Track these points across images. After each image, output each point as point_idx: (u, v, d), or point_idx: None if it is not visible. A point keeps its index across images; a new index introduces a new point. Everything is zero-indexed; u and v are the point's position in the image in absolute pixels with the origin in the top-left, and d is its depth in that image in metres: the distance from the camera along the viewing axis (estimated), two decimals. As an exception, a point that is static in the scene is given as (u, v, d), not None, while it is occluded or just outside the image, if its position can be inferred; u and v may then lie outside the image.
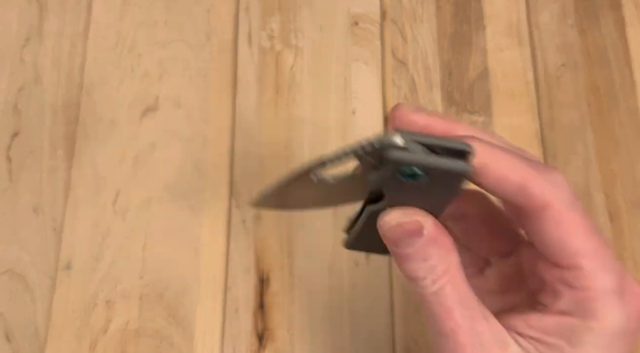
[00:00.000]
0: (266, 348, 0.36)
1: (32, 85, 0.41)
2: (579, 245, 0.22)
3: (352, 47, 0.43)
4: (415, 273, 0.23)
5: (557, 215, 0.22)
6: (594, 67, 0.42)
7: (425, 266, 0.23)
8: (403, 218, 0.23)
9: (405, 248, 0.23)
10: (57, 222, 0.38)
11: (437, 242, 0.23)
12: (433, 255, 0.23)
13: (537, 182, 0.22)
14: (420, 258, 0.23)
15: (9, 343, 0.35)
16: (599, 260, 0.22)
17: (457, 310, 0.23)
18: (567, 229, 0.22)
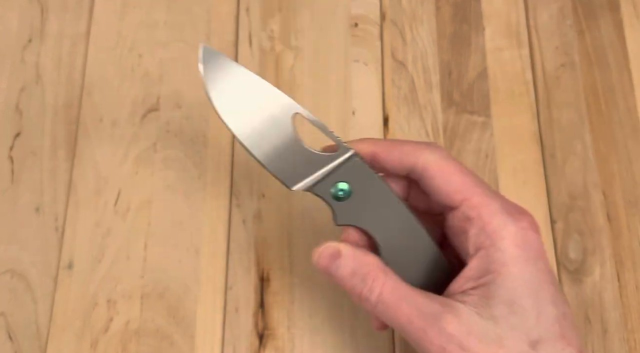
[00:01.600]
0: (266, 348, 0.36)
1: (33, 85, 0.41)
2: (460, 181, 0.27)
3: (352, 48, 0.43)
4: (354, 290, 0.27)
5: (436, 167, 0.27)
6: (592, 67, 0.43)
7: (356, 280, 0.27)
8: (319, 249, 0.28)
9: (335, 272, 0.27)
10: (58, 222, 0.38)
11: (356, 258, 0.27)
12: (357, 268, 0.27)
13: (414, 153, 0.28)
14: (348, 276, 0.27)
15: (10, 343, 0.36)
16: (480, 190, 0.27)
17: (404, 305, 0.26)
18: (447, 172, 0.27)
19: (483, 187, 0.27)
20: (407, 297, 0.26)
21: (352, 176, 0.29)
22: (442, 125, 0.41)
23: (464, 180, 0.27)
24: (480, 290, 0.25)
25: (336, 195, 0.29)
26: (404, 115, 0.41)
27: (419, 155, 0.28)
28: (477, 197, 0.27)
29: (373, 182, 0.29)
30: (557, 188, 0.40)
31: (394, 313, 0.26)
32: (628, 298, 0.37)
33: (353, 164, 0.29)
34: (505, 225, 0.25)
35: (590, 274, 0.38)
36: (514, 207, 0.27)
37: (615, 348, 0.36)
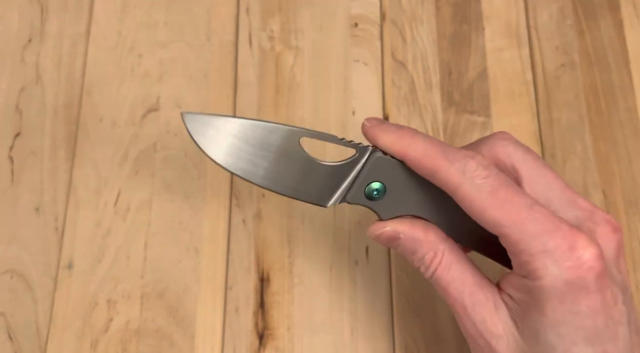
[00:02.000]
0: (266, 347, 0.36)
1: (33, 85, 0.41)
2: (494, 218, 0.25)
3: (352, 48, 0.43)
4: (413, 264, 0.29)
5: (466, 196, 0.26)
6: (592, 67, 0.43)
7: (415, 258, 0.28)
8: (377, 230, 0.29)
9: (396, 248, 0.29)
10: (58, 222, 0.38)
11: (415, 239, 0.28)
12: (417, 249, 0.28)
13: (447, 170, 0.26)
14: (409, 253, 0.29)
15: (10, 343, 0.36)
16: (519, 227, 0.25)
17: (451, 287, 0.27)
18: (480, 207, 0.26)
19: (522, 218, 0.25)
20: (456, 283, 0.27)
21: (379, 173, 0.29)
22: (442, 125, 0.41)
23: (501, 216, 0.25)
24: (523, 306, 0.26)
25: (371, 196, 0.29)
26: (404, 115, 0.41)
27: (446, 172, 0.27)
28: (514, 233, 0.25)
29: (402, 172, 0.28)
30: (557, 188, 0.40)
31: (443, 292, 0.28)
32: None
33: (376, 162, 0.28)
34: (545, 267, 0.25)
35: (590, 274, 0.38)
36: (567, 240, 0.25)
37: (615, 348, 0.36)
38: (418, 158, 0.27)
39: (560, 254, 0.24)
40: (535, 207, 0.25)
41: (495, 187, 0.26)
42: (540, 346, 0.25)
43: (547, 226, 0.25)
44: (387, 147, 0.28)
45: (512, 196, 0.25)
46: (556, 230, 0.25)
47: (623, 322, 0.25)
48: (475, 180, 0.26)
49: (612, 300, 0.25)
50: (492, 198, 0.25)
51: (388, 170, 0.28)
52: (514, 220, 0.25)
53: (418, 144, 0.27)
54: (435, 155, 0.27)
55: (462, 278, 0.27)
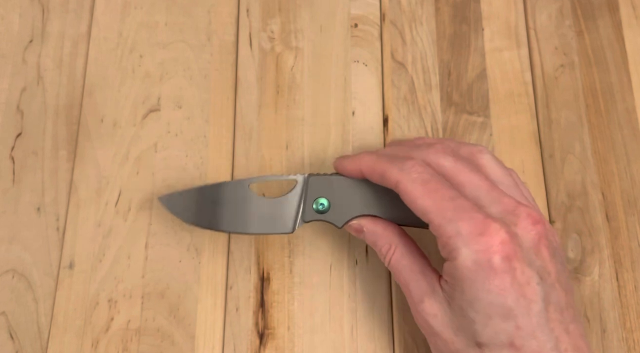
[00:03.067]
0: (267, 347, 0.36)
1: (34, 86, 0.41)
2: (422, 205, 0.30)
3: (352, 49, 0.43)
4: (377, 254, 0.34)
5: (404, 188, 0.31)
6: (591, 68, 0.43)
7: (376, 248, 0.34)
8: (352, 222, 0.35)
9: (363, 239, 0.35)
10: (59, 221, 0.38)
11: (375, 233, 0.34)
12: (376, 241, 0.34)
13: (390, 170, 0.31)
14: (371, 244, 0.34)
15: (12, 342, 0.36)
16: (441, 213, 0.29)
17: (402, 275, 0.32)
18: (412, 195, 0.30)
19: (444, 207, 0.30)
20: (405, 271, 0.32)
21: (320, 190, 0.34)
22: (441, 126, 0.41)
23: (428, 204, 0.30)
24: (450, 286, 0.30)
25: (320, 211, 0.34)
26: (404, 116, 0.41)
27: (390, 171, 0.32)
28: (435, 224, 0.30)
29: (338, 183, 0.34)
30: (556, 189, 0.40)
31: (396, 278, 0.33)
32: (627, 297, 0.37)
33: (312, 181, 0.34)
34: (458, 249, 0.29)
35: (589, 274, 0.38)
36: (478, 227, 0.29)
37: (614, 348, 0.36)
38: (370, 167, 0.33)
39: (471, 238, 0.28)
40: (458, 199, 0.30)
41: (426, 180, 0.30)
42: (466, 320, 0.29)
43: (463, 215, 0.29)
44: (346, 167, 0.34)
45: (439, 188, 0.30)
46: (470, 219, 0.29)
47: (537, 300, 0.28)
48: (412, 175, 0.31)
49: (524, 281, 0.28)
50: (422, 189, 0.30)
51: (325, 185, 0.34)
52: (437, 207, 0.29)
53: (369, 157, 0.33)
54: (382, 162, 0.32)
55: (410, 267, 0.32)
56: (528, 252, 0.29)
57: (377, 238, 0.34)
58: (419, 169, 0.31)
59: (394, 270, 0.33)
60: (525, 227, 0.29)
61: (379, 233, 0.34)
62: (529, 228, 0.29)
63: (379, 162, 0.32)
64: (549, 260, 0.29)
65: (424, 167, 0.31)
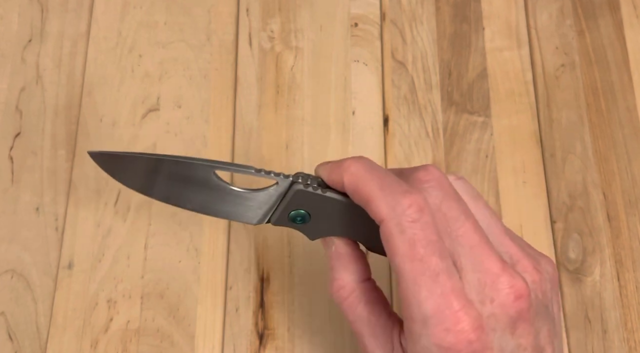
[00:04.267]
0: (266, 347, 0.36)
1: (34, 85, 0.41)
2: (400, 266, 0.25)
3: (352, 48, 0.43)
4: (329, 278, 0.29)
5: (387, 233, 0.25)
6: (592, 67, 0.43)
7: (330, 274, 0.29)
8: None
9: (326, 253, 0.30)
10: (58, 221, 0.38)
11: (339, 258, 0.29)
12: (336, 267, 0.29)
13: (375, 202, 0.26)
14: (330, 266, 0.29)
15: (10, 342, 0.36)
16: (415, 288, 0.25)
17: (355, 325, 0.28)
18: (392, 247, 0.25)
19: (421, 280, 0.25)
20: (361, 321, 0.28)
21: (302, 203, 0.29)
22: (442, 125, 0.41)
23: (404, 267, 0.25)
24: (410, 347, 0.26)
25: (295, 221, 0.30)
26: (404, 115, 0.41)
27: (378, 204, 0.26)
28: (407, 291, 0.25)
29: (323, 201, 0.29)
30: (557, 188, 0.40)
31: (350, 323, 0.29)
32: (628, 298, 0.37)
33: (296, 194, 0.29)
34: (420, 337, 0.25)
35: (590, 274, 0.38)
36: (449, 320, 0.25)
37: (615, 349, 0.36)
38: (353, 184, 0.27)
39: (435, 331, 0.24)
40: (441, 277, 0.25)
41: (417, 239, 0.25)
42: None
43: (438, 301, 0.24)
44: (327, 175, 0.28)
45: (426, 256, 0.25)
46: (444, 309, 0.24)
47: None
48: (402, 222, 0.25)
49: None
50: (407, 248, 0.25)
51: (310, 200, 0.29)
52: (414, 278, 0.25)
53: (356, 170, 0.27)
54: (371, 184, 0.26)
55: (367, 318, 0.28)
56: (502, 336, 0.25)
57: (338, 266, 0.29)
58: (414, 215, 0.25)
59: (347, 316, 0.29)
60: (503, 304, 0.25)
61: (343, 262, 0.29)
62: (508, 305, 0.25)
63: (367, 184, 0.26)
64: (527, 335, 0.26)
65: (422, 213, 0.25)
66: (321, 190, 0.28)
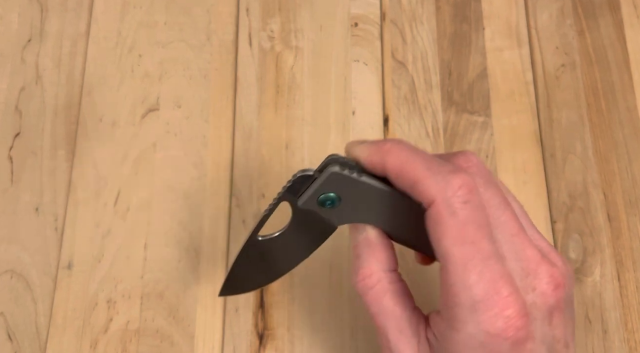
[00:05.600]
0: (266, 347, 0.36)
1: (33, 85, 0.41)
2: (447, 249, 0.24)
3: (352, 48, 0.43)
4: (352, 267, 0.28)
5: (436, 216, 0.24)
6: (592, 67, 0.43)
7: (356, 263, 0.28)
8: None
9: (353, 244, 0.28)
10: (58, 221, 0.38)
11: (368, 245, 0.27)
12: (362, 256, 0.27)
13: (426, 182, 0.24)
14: (354, 255, 0.28)
15: (10, 343, 0.36)
16: (464, 272, 0.23)
17: (380, 317, 0.26)
18: (441, 231, 0.24)
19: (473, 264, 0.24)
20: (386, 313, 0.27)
21: (333, 186, 0.27)
22: (442, 125, 0.41)
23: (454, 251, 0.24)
24: (439, 345, 0.25)
25: (325, 205, 0.27)
26: (404, 115, 0.41)
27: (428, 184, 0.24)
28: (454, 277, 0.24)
29: (356, 186, 0.26)
30: (557, 188, 0.40)
31: (371, 317, 0.27)
32: (628, 298, 0.37)
33: (331, 176, 0.27)
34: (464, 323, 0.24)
35: (591, 274, 0.38)
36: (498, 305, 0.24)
37: (616, 349, 0.36)
38: (398, 166, 0.25)
39: (484, 317, 0.23)
40: (490, 261, 0.24)
41: (468, 222, 0.24)
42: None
43: (487, 286, 0.23)
44: (366, 157, 0.26)
45: (477, 239, 0.24)
46: (493, 294, 0.23)
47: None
48: (454, 203, 0.24)
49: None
50: (458, 231, 0.24)
51: (343, 184, 0.27)
52: (464, 262, 0.23)
53: (399, 152, 0.25)
54: (417, 165, 0.25)
55: (392, 311, 0.26)
56: (542, 325, 0.25)
57: (367, 253, 0.27)
58: (465, 196, 0.24)
59: (370, 308, 0.27)
60: (544, 293, 0.25)
61: (372, 249, 0.27)
62: (548, 294, 0.25)
63: (414, 165, 0.25)
64: (561, 326, 0.25)
65: (472, 194, 0.24)
66: (357, 174, 0.26)
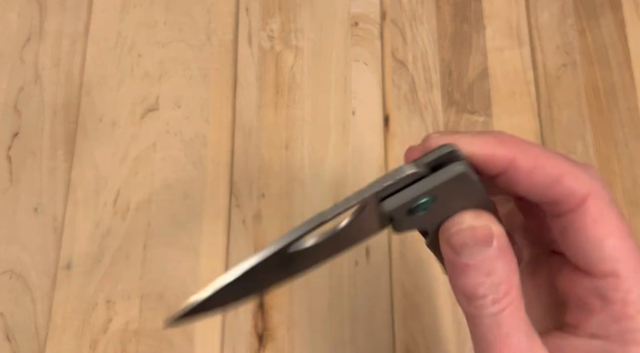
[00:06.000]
0: (266, 348, 0.36)
1: (32, 85, 0.41)
2: (616, 248, 0.19)
3: (352, 48, 0.43)
4: (474, 289, 0.20)
5: (596, 211, 0.19)
6: (593, 66, 0.42)
7: (487, 282, 0.20)
8: (475, 221, 0.20)
9: (468, 258, 0.20)
10: (57, 222, 0.38)
11: (505, 256, 0.20)
12: (498, 270, 0.20)
13: (575, 174, 0.20)
14: (483, 273, 0.20)
15: (9, 343, 0.35)
16: (630, 267, 0.19)
17: (514, 338, 0.20)
18: (606, 228, 0.19)
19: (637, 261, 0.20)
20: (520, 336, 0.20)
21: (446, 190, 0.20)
22: (442, 125, 0.41)
23: (621, 248, 0.20)
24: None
25: (418, 210, 0.21)
26: (404, 115, 0.41)
27: (576, 177, 0.20)
28: (632, 280, 0.19)
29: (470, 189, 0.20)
30: (558, 189, 0.40)
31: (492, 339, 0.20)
32: None
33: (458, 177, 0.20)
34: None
35: (591, 274, 0.38)
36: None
37: (617, 349, 0.36)
38: (532, 161, 0.20)
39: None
40: None
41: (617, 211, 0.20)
42: None
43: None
44: (484, 153, 0.20)
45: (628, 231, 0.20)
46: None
47: None
48: (609, 197, 0.20)
49: None
50: (621, 223, 0.20)
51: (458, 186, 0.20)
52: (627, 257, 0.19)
53: (528, 146, 0.20)
54: (557, 159, 0.20)
55: (524, 325, 0.20)
56: None
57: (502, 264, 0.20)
58: (605, 183, 0.20)
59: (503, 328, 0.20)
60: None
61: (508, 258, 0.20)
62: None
63: (554, 159, 0.20)
64: None
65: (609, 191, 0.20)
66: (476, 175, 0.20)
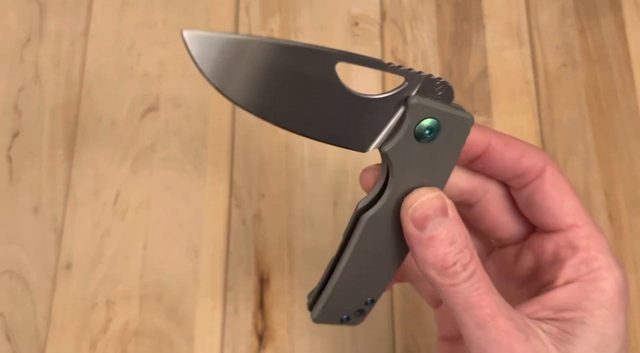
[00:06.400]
0: (266, 348, 0.36)
1: (32, 85, 0.41)
2: (572, 204, 0.24)
3: (352, 47, 0.43)
4: (444, 259, 0.22)
5: (553, 178, 0.24)
6: (594, 66, 0.42)
7: (453, 250, 0.22)
8: (430, 193, 0.22)
9: (432, 229, 0.22)
10: (57, 222, 0.38)
11: (460, 223, 0.22)
12: (458, 237, 0.22)
13: (533, 151, 0.24)
14: (448, 242, 0.22)
15: (9, 343, 0.35)
16: (591, 222, 0.24)
17: (492, 296, 0.22)
18: (562, 190, 0.24)
19: (591, 217, 0.24)
20: (494, 292, 0.22)
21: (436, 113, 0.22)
22: (442, 125, 0.41)
23: (576, 204, 0.24)
24: (561, 324, 0.22)
25: (425, 136, 0.22)
26: (405, 115, 0.41)
27: (536, 152, 0.24)
28: (589, 227, 0.24)
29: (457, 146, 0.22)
30: (558, 189, 0.40)
31: (475, 301, 0.21)
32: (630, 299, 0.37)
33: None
34: (611, 267, 0.23)
35: (592, 275, 0.38)
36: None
37: (617, 349, 0.36)
38: (503, 141, 0.25)
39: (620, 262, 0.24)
40: None
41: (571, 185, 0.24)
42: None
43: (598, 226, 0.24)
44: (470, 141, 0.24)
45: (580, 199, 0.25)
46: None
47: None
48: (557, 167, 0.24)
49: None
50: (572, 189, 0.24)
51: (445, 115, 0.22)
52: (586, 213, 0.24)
53: (500, 133, 0.25)
54: (519, 141, 0.25)
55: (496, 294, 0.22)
56: None
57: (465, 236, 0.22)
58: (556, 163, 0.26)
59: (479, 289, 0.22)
60: None
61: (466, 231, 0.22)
62: None
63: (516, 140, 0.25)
64: None
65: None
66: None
